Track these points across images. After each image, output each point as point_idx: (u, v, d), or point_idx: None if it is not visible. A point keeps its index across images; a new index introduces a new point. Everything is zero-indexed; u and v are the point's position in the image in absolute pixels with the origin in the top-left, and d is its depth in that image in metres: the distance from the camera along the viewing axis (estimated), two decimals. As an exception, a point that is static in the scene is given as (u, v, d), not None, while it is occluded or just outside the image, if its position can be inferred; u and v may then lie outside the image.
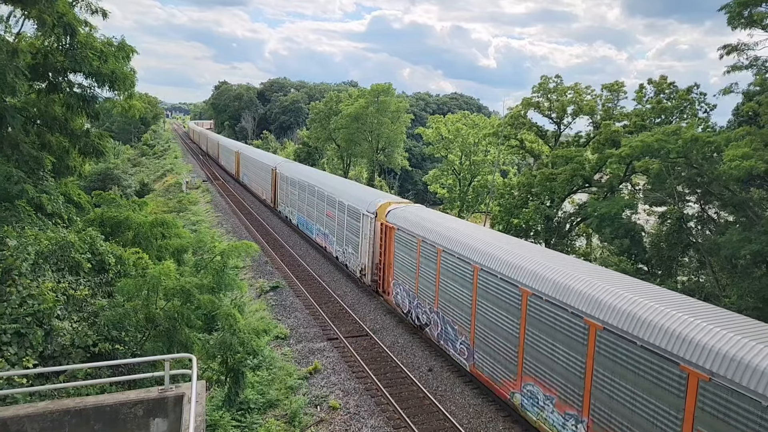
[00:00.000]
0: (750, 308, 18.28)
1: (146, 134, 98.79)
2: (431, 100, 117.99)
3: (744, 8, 19.76)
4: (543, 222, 31.76)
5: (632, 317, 9.76)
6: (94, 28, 15.64)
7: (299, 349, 17.14)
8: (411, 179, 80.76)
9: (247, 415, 13.22)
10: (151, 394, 7.42)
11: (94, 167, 39.73)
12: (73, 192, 18.70)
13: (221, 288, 13.16)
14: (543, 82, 34.64)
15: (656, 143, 22.29)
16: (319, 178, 31.32)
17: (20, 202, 14.32)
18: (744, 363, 7.90)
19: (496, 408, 13.78)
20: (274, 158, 45.32)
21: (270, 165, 41.78)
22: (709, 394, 8.29)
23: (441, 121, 50.71)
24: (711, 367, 8.25)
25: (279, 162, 41.38)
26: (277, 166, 39.86)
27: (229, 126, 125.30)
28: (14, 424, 6.72)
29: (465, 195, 46.34)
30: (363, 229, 22.76)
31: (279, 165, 39.76)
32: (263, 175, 43.70)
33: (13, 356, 9.49)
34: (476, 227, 18.71)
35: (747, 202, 20.54)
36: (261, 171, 44.84)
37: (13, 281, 10.70)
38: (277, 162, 41.48)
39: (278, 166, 39.48)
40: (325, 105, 64.44)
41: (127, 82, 15.55)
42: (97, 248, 13.47)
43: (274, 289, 22.85)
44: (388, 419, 13.26)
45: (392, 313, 20.08)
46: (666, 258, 24.17)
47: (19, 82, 13.01)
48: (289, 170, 36.62)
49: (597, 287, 10.84)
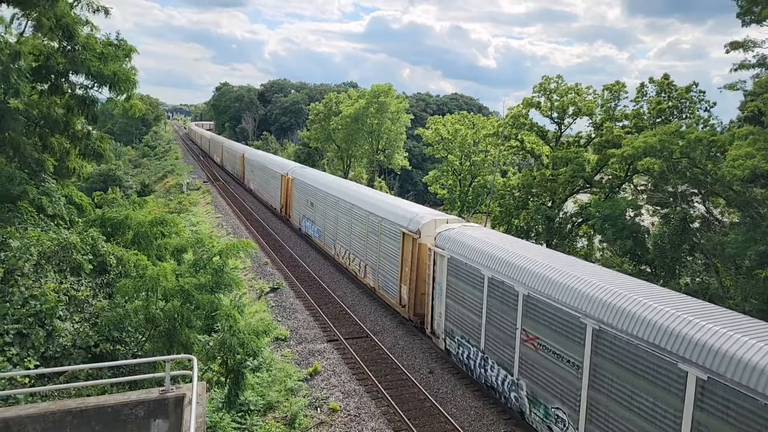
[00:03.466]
0: (755, 310, 18.22)
1: (147, 135, 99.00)
2: (431, 101, 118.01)
3: (755, 4, 19.58)
4: (544, 223, 31.75)
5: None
6: (96, 28, 15.66)
7: (299, 351, 17.13)
8: (411, 180, 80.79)
9: (247, 416, 13.21)
10: (152, 395, 7.42)
11: (96, 168, 39.65)
12: (74, 194, 18.72)
13: (220, 287, 13.16)
14: (544, 82, 34.66)
15: (659, 144, 22.28)
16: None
17: (22, 203, 14.35)
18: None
19: (497, 411, 13.75)
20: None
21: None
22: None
23: (440, 122, 50.73)
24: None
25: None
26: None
27: (230, 127, 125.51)
28: (16, 425, 6.72)
29: (465, 196, 46.34)
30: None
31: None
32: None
33: (15, 356, 9.50)
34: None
35: (751, 202, 20.50)
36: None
37: (15, 282, 10.72)
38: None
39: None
40: (324, 106, 64.53)
41: (128, 82, 15.54)
42: (99, 249, 13.48)
43: (275, 290, 22.85)
44: (388, 421, 13.23)
45: (393, 315, 20.06)
46: (669, 259, 24.12)
47: (22, 84, 13.03)
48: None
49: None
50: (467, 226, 17.23)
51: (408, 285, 18.33)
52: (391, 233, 19.65)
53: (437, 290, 16.46)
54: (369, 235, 21.70)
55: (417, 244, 17.71)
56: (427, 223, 17.66)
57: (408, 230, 18.40)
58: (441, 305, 16.24)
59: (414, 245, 17.88)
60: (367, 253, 21.94)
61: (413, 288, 18.07)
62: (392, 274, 19.69)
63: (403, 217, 19.13)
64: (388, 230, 19.93)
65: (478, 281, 14.15)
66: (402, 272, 18.88)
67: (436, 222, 17.65)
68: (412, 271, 17.94)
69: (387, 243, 20.06)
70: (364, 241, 22.39)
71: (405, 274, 18.60)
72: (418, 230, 17.75)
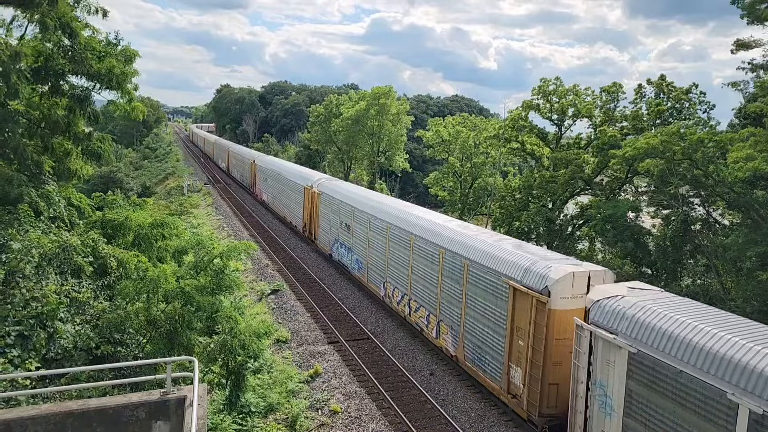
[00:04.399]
0: (756, 312, 18.20)
1: (148, 138, 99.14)
2: (432, 103, 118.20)
3: (761, 3, 19.54)
4: (544, 224, 31.73)
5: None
6: (97, 31, 15.73)
7: (300, 353, 17.12)
8: (412, 182, 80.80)
9: (248, 418, 13.19)
10: (153, 396, 7.41)
11: (97, 171, 39.53)
12: (74, 196, 18.74)
13: (221, 289, 13.17)
14: (543, 84, 34.68)
15: (660, 145, 22.30)
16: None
17: (22, 206, 14.36)
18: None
19: (498, 412, 13.73)
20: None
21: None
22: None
23: (440, 124, 50.77)
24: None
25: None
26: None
27: (231, 129, 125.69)
28: (17, 427, 6.72)
29: (466, 198, 46.34)
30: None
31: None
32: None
33: (17, 358, 9.51)
34: None
35: (752, 203, 20.51)
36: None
37: (17, 284, 10.73)
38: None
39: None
40: (325, 108, 64.62)
41: (127, 79, 15.58)
42: (99, 251, 13.49)
43: (275, 292, 22.84)
44: (389, 423, 13.21)
45: (393, 316, 20.04)
46: (671, 261, 24.11)
47: (21, 86, 13.06)
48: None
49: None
50: (647, 290, 10.86)
51: (525, 368, 12.57)
52: (491, 285, 13.88)
53: (596, 396, 10.45)
54: (446, 281, 16.03)
55: (545, 310, 11.90)
56: (563, 279, 11.79)
57: (523, 285, 12.54)
58: (609, 426, 10.10)
59: (537, 310, 12.12)
60: (443, 306, 16.20)
61: (537, 375, 12.25)
62: (492, 345, 13.97)
63: (512, 265, 13.23)
64: (484, 280, 14.16)
65: (717, 413, 8.13)
66: (512, 346, 13.11)
67: (584, 278, 11.81)
68: (535, 350, 12.25)
69: (481, 298, 14.32)
70: (434, 287, 16.65)
71: (519, 351, 12.84)
72: (546, 288, 11.90)
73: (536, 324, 12.19)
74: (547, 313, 11.86)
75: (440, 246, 16.30)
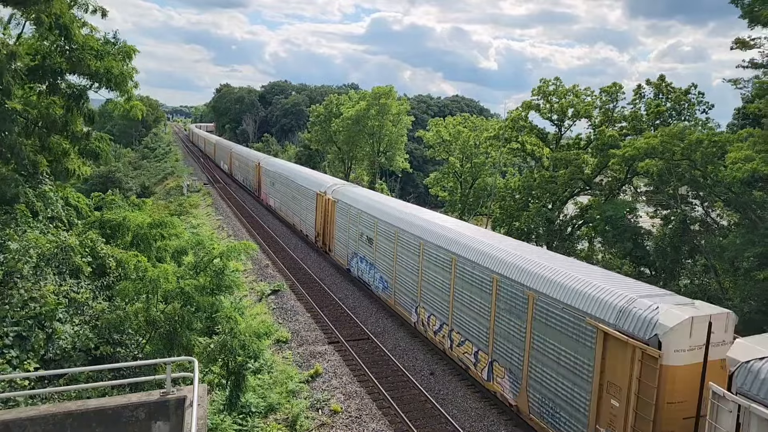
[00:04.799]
0: (754, 311, 18.23)
1: (147, 137, 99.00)
2: (432, 103, 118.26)
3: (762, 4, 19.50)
4: (544, 225, 31.73)
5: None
6: (95, 29, 15.66)
7: (300, 353, 17.10)
8: (413, 182, 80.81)
9: (248, 419, 13.17)
10: (153, 397, 7.38)
11: (96, 170, 39.34)
12: (72, 196, 18.69)
13: (221, 290, 13.15)
14: (542, 84, 34.68)
15: (660, 145, 22.32)
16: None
17: (18, 206, 14.31)
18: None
19: (498, 412, 13.72)
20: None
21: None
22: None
23: (441, 124, 50.76)
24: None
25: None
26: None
27: (230, 129, 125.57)
28: (16, 427, 6.69)
29: (466, 198, 46.33)
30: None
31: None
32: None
33: (15, 359, 9.48)
34: None
35: (750, 204, 20.54)
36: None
37: (15, 284, 10.69)
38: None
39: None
40: (325, 108, 64.59)
41: (126, 78, 15.49)
42: (98, 252, 13.46)
43: (275, 292, 22.81)
44: (390, 423, 13.20)
45: (394, 316, 20.02)
46: (669, 261, 24.14)
47: (15, 86, 12.98)
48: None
49: None
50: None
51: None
52: (569, 326, 11.22)
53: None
54: (501, 315, 13.52)
55: (655, 366, 9.33)
56: (680, 326, 9.22)
57: (619, 331, 9.98)
58: None
59: (644, 365, 9.55)
60: (497, 343, 13.70)
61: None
62: (571, 401, 11.28)
63: (599, 302, 10.63)
64: (559, 319, 11.52)
65: None
66: (600, 406, 10.49)
67: (704, 323, 9.35)
68: (639, 416, 9.64)
69: (554, 340, 11.67)
70: (485, 319, 14.14)
71: (612, 413, 10.21)
72: (656, 338, 9.39)
73: (642, 384, 9.58)
74: (659, 370, 9.22)
75: (492, 271, 13.75)
